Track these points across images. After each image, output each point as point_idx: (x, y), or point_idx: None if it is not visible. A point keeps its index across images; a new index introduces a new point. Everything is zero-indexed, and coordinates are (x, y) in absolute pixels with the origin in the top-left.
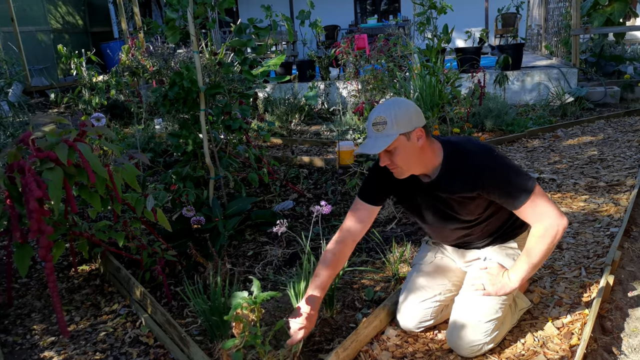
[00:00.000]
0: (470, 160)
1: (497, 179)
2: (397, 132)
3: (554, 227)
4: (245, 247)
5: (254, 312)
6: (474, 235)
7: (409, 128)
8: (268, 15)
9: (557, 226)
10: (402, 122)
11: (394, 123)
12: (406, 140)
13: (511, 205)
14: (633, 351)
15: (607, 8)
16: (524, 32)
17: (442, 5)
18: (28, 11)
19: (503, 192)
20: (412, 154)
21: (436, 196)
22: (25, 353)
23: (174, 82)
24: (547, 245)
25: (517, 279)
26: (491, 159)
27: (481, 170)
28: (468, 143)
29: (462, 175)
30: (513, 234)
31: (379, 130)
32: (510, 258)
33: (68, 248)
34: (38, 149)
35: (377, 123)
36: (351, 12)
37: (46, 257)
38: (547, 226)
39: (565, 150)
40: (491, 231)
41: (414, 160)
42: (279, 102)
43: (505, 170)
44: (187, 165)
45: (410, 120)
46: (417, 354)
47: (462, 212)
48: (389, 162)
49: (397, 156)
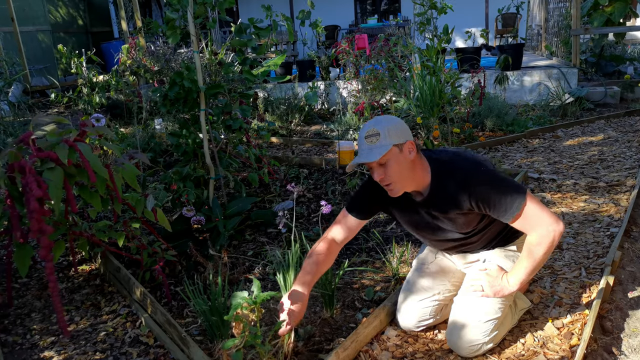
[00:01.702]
0: (458, 177)
1: (486, 194)
2: (390, 143)
3: (549, 233)
4: (245, 247)
5: (254, 312)
6: (473, 244)
7: (401, 140)
8: (268, 15)
9: (553, 232)
10: (394, 134)
11: (386, 134)
12: (399, 152)
13: (503, 217)
14: (633, 351)
15: (607, 8)
16: (524, 32)
17: (443, 6)
18: (28, 11)
19: (494, 206)
20: (405, 167)
21: (429, 214)
22: (25, 353)
23: (174, 82)
24: (544, 251)
25: (516, 282)
26: (478, 174)
27: (469, 187)
28: (455, 158)
29: (451, 193)
30: (512, 237)
31: (373, 142)
32: (510, 260)
33: (68, 248)
34: (38, 149)
35: (370, 135)
36: (351, 12)
37: (46, 257)
38: (543, 234)
39: (565, 151)
40: (490, 238)
41: (406, 174)
42: (279, 102)
43: (493, 185)
44: (187, 165)
45: (401, 133)
46: (417, 354)
47: (457, 226)
48: (383, 175)
49: (391, 168)
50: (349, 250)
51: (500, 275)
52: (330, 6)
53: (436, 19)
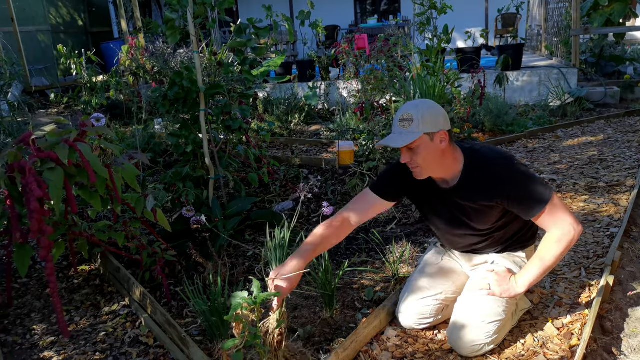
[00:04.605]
0: (492, 169)
1: (517, 189)
2: (421, 131)
3: (570, 232)
4: (245, 247)
5: (254, 313)
6: (484, 244)
7: (434, 129)
8: (269, 15)
9: (574, 231)
10: (428, 122)
11: (420, 122)
12: (429, 141)
13: (529, 213)
14: (633, 352)
15: (607, 8)
16: (524, 32)
17: (443, 6)
18: (28, 11)
19: (522, 201)
20: (434, 156)
21: (453, 202)
22: (25, 353)
23: (173, 82)
24: (562, 249)
25: (525, 283)
26: (511, 169)
27: (502, 180)
28: (489, 151)
29: (482, 184)
30: (522, 245)
31: (405, 127)
32: (517, 265)
33: (68, 248)
34: (39, 149)
35: (404, 120)
36: (351, 12)
37: (46, 258)
38: (565, 232)
39: (565, 151)
40: (501, 241)
41: (434, 162)
42: (279, 102)
43: (525, 181)
44: (187, 166)
45: (436, 121)
46: (417, 354)
47: (476, 220)
48: (410, 160)
49: (419, 155)
50: (349, 251)
51: (509, 276)
52: (330, 6)
53: (436, 19)
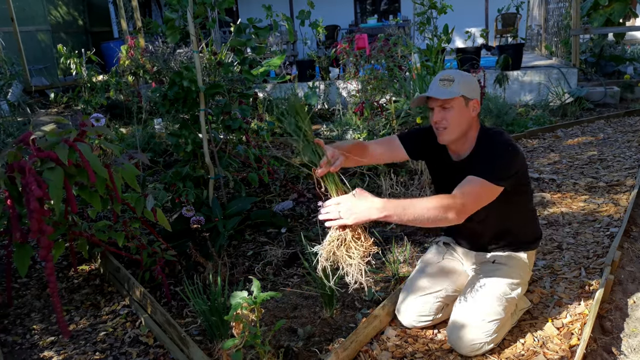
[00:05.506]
0: (493, 148)
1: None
2: (460, 92)
3: (452, 210)
4: (245, 247)
5: (254, 312)
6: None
7: (471, 95)
8: (269, 15)
9: (454, 214)
10: (466, 87)
11: (460, 84)
12: (464, 104)
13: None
14: (633, 351)
15: (607, 8)
16: (524, 32)
17: (443, 5)
18: (28, 11)
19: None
20: (464, 120)
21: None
22: (25, 353)
23: (173, 81)
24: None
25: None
26: (505, 148)
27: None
28: (500, 136)
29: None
30: (524, 246)
31: (445, 86)
32: (519, 267)
33: (68, 248)
34: (38, 149)
35: (445, 79)
36: (351, 12)
37: (46, 257)
38: (452, 204)
39: (565, 151)
40: (501, 231)
41: (462, 126)
42: (278, 102)
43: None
44: (187, 165)
45: (473, 89)
46: (416, 354)
47: None
48: (441, 118)
49: (451, 115)
50: None
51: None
52: (330, 6)
53: (436, 19)
